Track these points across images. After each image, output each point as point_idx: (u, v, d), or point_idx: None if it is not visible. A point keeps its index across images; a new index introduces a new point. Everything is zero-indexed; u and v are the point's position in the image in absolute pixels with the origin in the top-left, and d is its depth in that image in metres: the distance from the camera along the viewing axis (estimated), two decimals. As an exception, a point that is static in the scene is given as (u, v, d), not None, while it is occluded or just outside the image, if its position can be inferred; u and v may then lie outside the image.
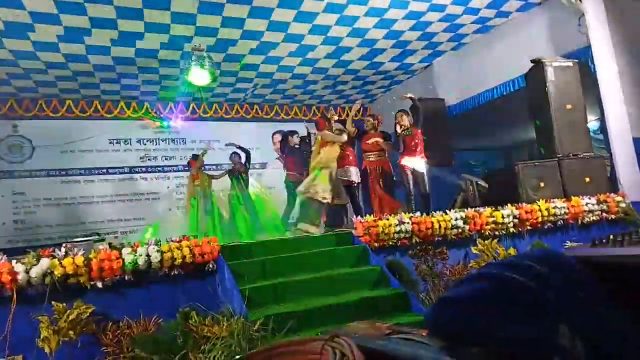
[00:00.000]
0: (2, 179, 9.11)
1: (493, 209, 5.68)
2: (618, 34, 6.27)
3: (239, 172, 8.44)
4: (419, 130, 6.90)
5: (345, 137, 6.77)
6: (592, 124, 7.88)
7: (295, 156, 7.96)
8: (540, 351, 0.60)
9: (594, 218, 5.98)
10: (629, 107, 6.17)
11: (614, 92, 6.21)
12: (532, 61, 6.55)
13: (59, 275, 3.82)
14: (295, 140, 8.10)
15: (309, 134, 8.46)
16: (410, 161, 6.80)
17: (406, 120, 6.98)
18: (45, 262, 3.83)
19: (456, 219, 5.41)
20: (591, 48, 6.33)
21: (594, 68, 6.35)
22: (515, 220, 5.65)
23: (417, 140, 6.84)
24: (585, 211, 5.93)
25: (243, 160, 8.57)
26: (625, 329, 0.61)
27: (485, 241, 5.06)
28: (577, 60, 6.56)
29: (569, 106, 6.33)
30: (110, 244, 4.35)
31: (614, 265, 0.73)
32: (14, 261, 3.83)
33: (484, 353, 0.65)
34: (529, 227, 5.75)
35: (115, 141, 9.93)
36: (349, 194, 6.83)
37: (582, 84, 6.41)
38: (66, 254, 3.96)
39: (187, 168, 9.17)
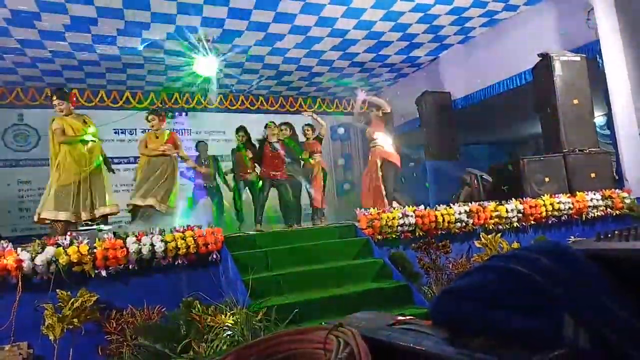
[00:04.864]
0: (8, 167, 9.15)
1: (497, 203, 5.67)
2: (627, 28, 6.20)
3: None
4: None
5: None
6: (599, 119, 7.82)
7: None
8: (544, 342, 0.60)
9: (599, 214, 5.96)
10: (637, 102, 6.12)
11: (622, 88, 6.16)
12: (539, 55, 6.49)
13: (64, 264, 3.84)
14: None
15: None
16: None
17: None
18: (50, 250, 3.85)
19: (460, 213, 5.40)
20: (599, 42, 6.28)
21: (602, 63, 6.30)
22: (520, 215, 5.64)
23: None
24: (589, 207, 5.91)
25: None
26: (630, 321, 0.61)
27: (489, 235, 5.05)
28: (585, 55, 6.50)
29: (575, 101, 6.28)
30: (114, 233, 4.37)
31: (620, 260, 0.73)
32: (19, 249, 3.85)
33: (487, 344, 0.66)
34: (533, 222, 5.74)
35: (120, 131, 9.94)
36: None
37: (590, 78, 6.36)
38: (71, 243, 3.99)
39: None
